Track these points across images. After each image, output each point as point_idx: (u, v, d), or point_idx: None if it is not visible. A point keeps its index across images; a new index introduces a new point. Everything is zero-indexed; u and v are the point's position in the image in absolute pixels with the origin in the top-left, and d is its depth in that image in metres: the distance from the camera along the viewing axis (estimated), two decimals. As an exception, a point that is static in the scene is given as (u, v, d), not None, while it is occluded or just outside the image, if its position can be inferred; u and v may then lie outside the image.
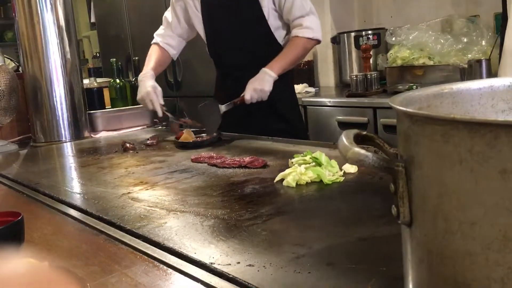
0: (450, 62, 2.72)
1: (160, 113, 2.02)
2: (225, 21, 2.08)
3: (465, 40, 2.75)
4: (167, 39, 2.23)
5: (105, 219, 1.06)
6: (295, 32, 2.03)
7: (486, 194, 0.43)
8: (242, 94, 1.93)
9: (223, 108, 1.96)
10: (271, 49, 2.04)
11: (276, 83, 2.04)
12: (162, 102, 2.05)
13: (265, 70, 1.95)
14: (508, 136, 0.41)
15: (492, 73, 2.47)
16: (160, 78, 4.15)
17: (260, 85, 1.92)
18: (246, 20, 2.05)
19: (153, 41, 2.25)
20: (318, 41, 2.06)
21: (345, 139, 0.54)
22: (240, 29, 2.06)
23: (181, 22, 2.22)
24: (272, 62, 1.98)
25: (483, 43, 2.70)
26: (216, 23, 2.11)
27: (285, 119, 2.11)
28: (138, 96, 2.07)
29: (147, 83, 2.05)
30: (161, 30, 2.26)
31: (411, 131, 0.50)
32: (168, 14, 2.25)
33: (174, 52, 2.26)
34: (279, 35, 2.06)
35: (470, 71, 2.48)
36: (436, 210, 0.48)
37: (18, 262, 0.44)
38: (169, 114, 2.05)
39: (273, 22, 2.03)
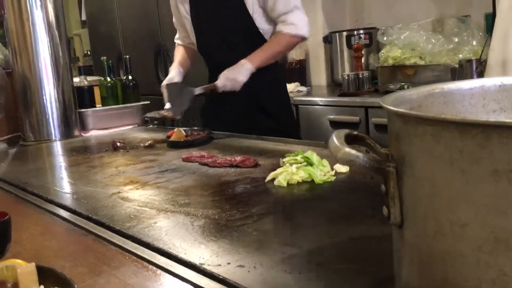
0: (441, 62, 2.73)
1: (166, 104, 2.01)
2: (212, 19, 2.10)
3: (456, 40, 2.76)
4: (184, 40, 2.30)
5: (94, 219, 1.05)
6: (278, 27, 2.03)
7: (477, 195, 0.43)
8: (215, 82, 1.95)
9: (195, 91, 1.96)
10: (258, 46, 2.03)
11: (267, 81, 2.03)
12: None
13: (242, 61, 1.97)
14: (499, 136, 0.40)
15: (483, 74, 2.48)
16: (150, 75, 4.16)
17: (234, 74, 1.94)
18: (231, 18, 2.06)
19: (176, 44, 2.35)
20: (302, 38, 2.05)
21: (335, 139, 0.54)
22: (226, 27, 2.07)
23: (182, 27, 2.27)
24: (251, 55, 1.99)
25: (474, 43, 2.71)
26: (204, 22, 2.13)
27: (276, 117, 2.11)
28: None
29: (170, 75, 2.14)
30: (177, 34, 2.35)
31: (402, 131, 0.50)
32: (174, 21, 2.33)
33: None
34: (266, 32, 2.06)
35: (461, 71, 2.49)
36: (427, 210, 0.48)
37: None
38: (167, 112, 2.01)
39: (259, 19, 2.03)
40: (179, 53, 2.28)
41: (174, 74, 2.14)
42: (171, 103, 1.96)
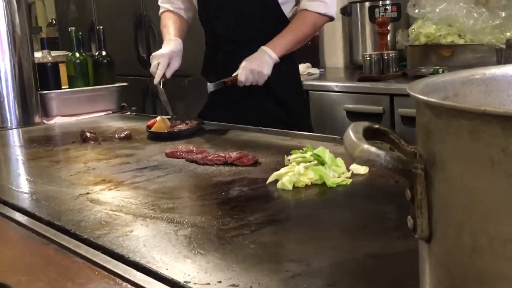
0: (485, 41, 2.72)
1: (155, 81, 1.99)
2: None
3: (503, 14, 2.76)
4: (175, 2, 2.23)
5: (57, 225, 1.05)
6: (304, 4, 2.02)
7: (523, 205, 0.43)
8: (236, 73, 1.92)
9: (210, 87, 1.96)
10: (274, 23, 2.03)
11: (278, 63, 2.02)
12: (168, 76, 2.02)
13: (265, 49, 1.95)
14: (551, 134, 0.41)
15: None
16: (130, 52, 4.16)
17: (259, 66, 1.91)
18: None
19: (161, 10, 2.26)
20: (330, 18, 2.05)
21: (352, 133, 0.54)
22: None
23: None
24: (274, 40, 1.97)
25: (525, 19, 2.71)
26: None
27: (286, 106, 2.10)
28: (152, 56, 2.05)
29: (169, 47, 2.05)
30: None
31: (433, 125, 0.50)
32: None
33: (189, 15, 2.25)
34: (286, 7, 2.05)
35: (508, 53, 2.49)
36: (462, 222, 0.48)
37: None
38: (161, 94, 2.01)
39: None
40: (172, 20, 2.19)
41: (174, 50, 2.04)
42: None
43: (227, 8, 2.08)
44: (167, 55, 2.02)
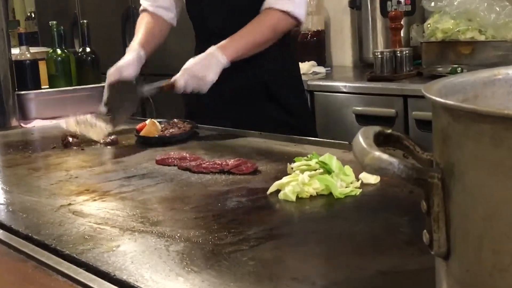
0: (508, 37, 2.73)
1: (101, 106, 1.97)
2: None
3: (528, 8, 2.76)
4: (155, 1, 2.19)
5: (36, 240, 1.05)
6: (268, 1, 1.97)
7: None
8: (174, 78, 1.89)
9: (144, 92, 1.94)
10: None
11: (274, 59, 2.02)
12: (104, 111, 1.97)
13: (214, 51, 1.91)
14: None
15: None
16: (117, 49, 4.15)
17: (203, 71, 1.88)
18: None
19: (141, 8, 2.24)
20: (297, 21, 2.01)
21: (362, 139, 0.54)
22: None
23: None
24: (226, 41, 1.93)
25: (553, 12, 2.72)
26: None
27: (288, 108, 2.10)
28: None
29: (122, 60, 2.03)
30: None
31: (451, 130, 0.50)
32: None
33: (171, 15, 2.21)
34: None
35: (534, 51, 2.49)
36: (483, 237, 0.48)
37: None
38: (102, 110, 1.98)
39: None
40: (142, 25, 2.16)
41: (129, 60, 2.03)
42: (109, 107, 1.93)
43: (221, 1, 2.08)
44: (113, 72, 1.99)
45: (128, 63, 2.03)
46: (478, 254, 0.48)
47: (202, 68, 1.89)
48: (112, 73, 1.99)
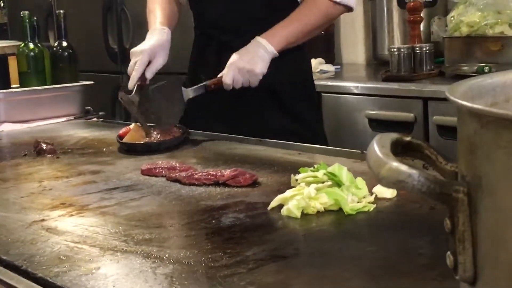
0: (542, 32, 2.74)
1: (130, 85, 1.96)
2: None
3: None
4: None
5: (4, 261, 1.05)
6: None
7: None
8: (221, 74, 1.92)
9: (189, 93, 1.95)
10: (281, 7, 2.04)
11: (282, 58, 2.02)
12: (148, 77, 1.98)
13: (259, 40, 1.94)
14: None
15: None
16: (97, 43, 4.17)
17: (250, 63, 1.91)
18: None
19: None
20: (348, 9, 2.05)
21: (378, 148, 0.54)
22: None
23: None
24: (273, 29, 1.97)
25: None
26: None
27: (293, 112, 2.10)
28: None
29: (150, 41, 2.02)
30: None
31: (479, 138, 0.50)
32: None
33: None
34: None
35: None
36: (515, 260, 0.48)
37: None
38: (129, 105, 1.99)
39: None
40: (158, 4, 2.17)
41: (160, 41, 2.02)
42: (150, 112, 1.94)
43: None
44: (147, 51, 1.99)
45: (157, 47, 2.01)
46: (509, 279, 0.48)
47: (249, 61, 1.92)
48: (140, 53, 1.96)
